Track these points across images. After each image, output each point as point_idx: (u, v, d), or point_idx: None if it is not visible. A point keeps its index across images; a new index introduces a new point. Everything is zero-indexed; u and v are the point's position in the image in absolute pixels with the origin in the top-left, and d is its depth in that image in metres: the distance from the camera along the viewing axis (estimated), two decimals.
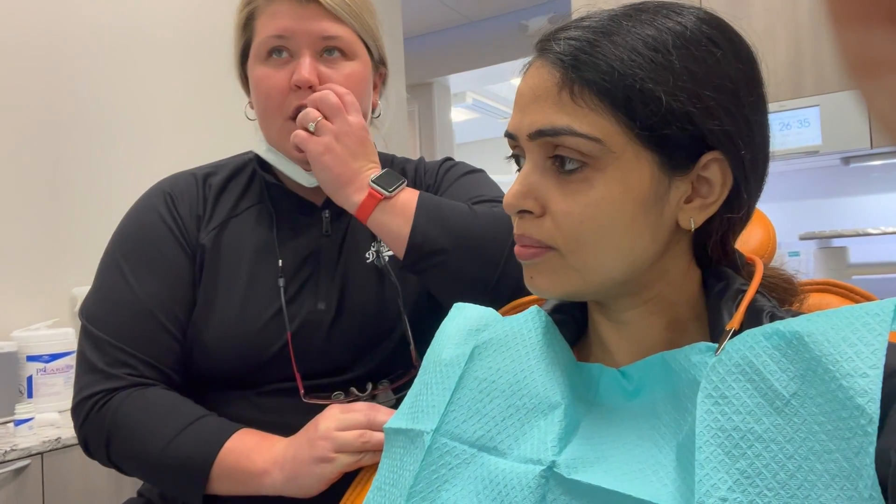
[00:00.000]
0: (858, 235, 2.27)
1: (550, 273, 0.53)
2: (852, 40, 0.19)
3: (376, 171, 0.81)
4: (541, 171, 0.52)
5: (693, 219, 0.51)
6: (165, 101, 2.26)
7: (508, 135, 0.55)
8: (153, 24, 2.25)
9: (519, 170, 0.56)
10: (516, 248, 0.55)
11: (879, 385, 0.40)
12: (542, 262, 0.53)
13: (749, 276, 0.55)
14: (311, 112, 0.79)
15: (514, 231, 0.54)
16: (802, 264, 2.44)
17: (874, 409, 0.39)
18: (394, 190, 0.78)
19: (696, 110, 0.48)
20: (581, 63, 0.49)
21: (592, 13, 0.52)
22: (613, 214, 0.49)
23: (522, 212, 0.53)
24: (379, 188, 0.78)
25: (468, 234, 0.77)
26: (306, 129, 0.80)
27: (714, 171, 0.50)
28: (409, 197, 0.79)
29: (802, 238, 2.40)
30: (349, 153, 0.79)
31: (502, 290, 0.75)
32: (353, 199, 0.79)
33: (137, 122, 2.18)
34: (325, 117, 0.79)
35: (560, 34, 0.51)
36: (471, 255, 0.73)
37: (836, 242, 2.42)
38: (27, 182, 1.89)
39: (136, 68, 2.19)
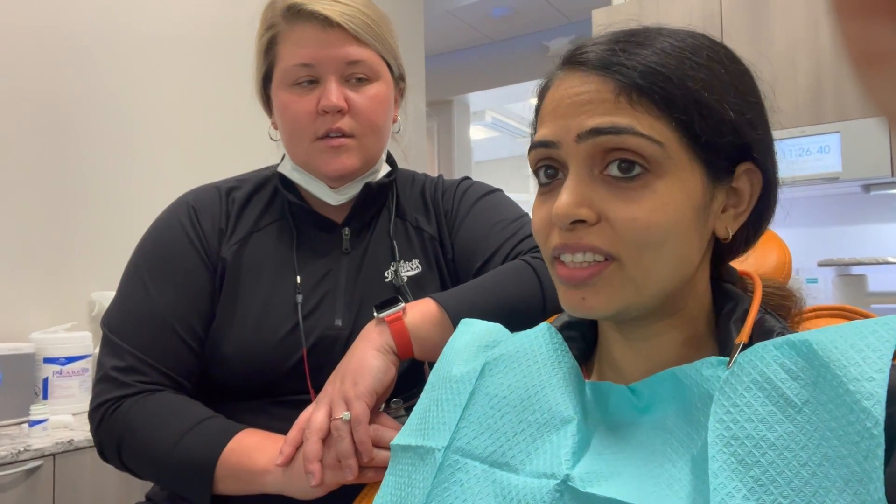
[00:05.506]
0: (878, 263, 2.24)
1: (608, 288, 0.50)
2: (856, 32, 0.19)
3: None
4: (589, 180, 0.50)
5: (729, 228, 0.52)
6: (186, 108, 2.30)
7: (544, 143, 0.52)
8: (177, 29, 2.29)
9: (543, 184, 0.54)
10: (566, 272, 0.51)
11: (885, 388, 0.40)
12: (601, 280, 0.50)
13: (745, 290, 0.57)
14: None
15: (561, 241, 0.51)
16: (821, 291, 2.41)
17: (880, 411, 0.39)
18: (394, 309, 0.75)
19: (742, 121, 0.50)
20: (638, 72, 0.49)
21: (614, 31, 0.53)
22: (678, 220, 0.49)
23: (577, 222, 0.50)
24: (385, 312, 0.75)
25: (504, 308, 0.76)
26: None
27: (744, 182, 0.52)
28: (426, 307, 0.77)
29: (821, 265, 2.37)
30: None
31: None
32: (382, 341, 0.74)
33: (158, 129, 2.21)
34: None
35: (596, 46, 0.51)
36: (512, 324, 0.71)
37: (855, 270, 2.40)
38: (49, 188, 1.93)
39: (159, 75, 2.23)
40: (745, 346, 0.48)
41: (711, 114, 0.49)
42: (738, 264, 0.60)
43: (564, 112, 0.51)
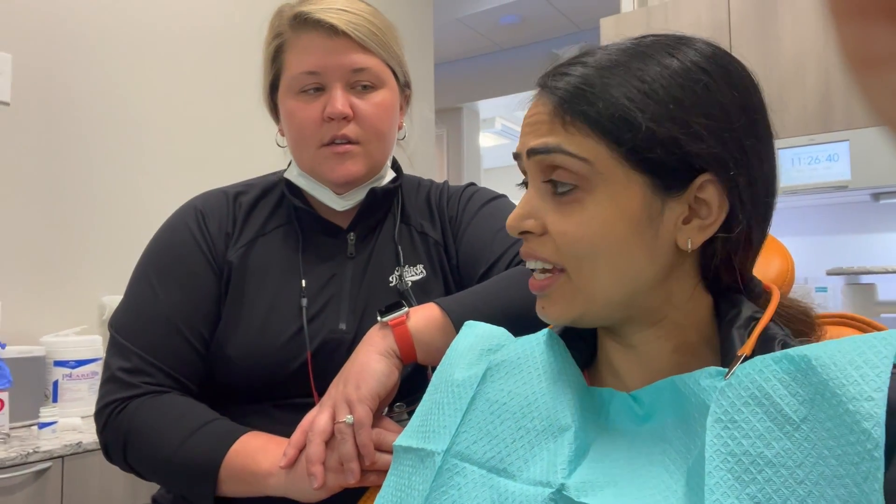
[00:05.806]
0: (887, 272, 2.23)
1: (560, 299, 0.55)
2: (852, 35, 0.19)
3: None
4: (541, 194, 0.55)
5: (691, 239, 0.52)
6: (195, 114, 2.32)
7: (514, 156, 0.58)
8: (188, 35, 2.31)
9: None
10: (532, 282, 0.57)
11: (884, 408, 0.40)
12: (555, 290, 0.55)
13: (765, 305, 0.55)
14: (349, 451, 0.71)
15: (521, 250, 0.57)
16: (830, 300, 2.40)
17: (879, 433, 0.39)
18: (399, 313, 0.76)
19: (683, 135, 0.49)
20: (572, 96, 0.52)
21: (592, 49, 0.55)
22: (606, 233, 0.51)
23: (525, 233, 0.55)
24: (389, 316, 0.76)
25: (507, 313, 0.77)
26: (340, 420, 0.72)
27: (710, 193, 0.51)
28: (430, 311, 0.77)
29: (830, 273, 2.36)
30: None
31: None
32: (385, 345, 0.75)
33: (168, 135, 2.23)
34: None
35: (558, 70, 0.55)
36: (515, 329, 0.72)
37: (864, 279, 2.38)
38: (59, 193, 1.95)
39: (169, 81, 2.25)
40: (747, 358, 0.47)
41: (638, 130, 0.49)
42: None
43: (524, 130, 0.56)
